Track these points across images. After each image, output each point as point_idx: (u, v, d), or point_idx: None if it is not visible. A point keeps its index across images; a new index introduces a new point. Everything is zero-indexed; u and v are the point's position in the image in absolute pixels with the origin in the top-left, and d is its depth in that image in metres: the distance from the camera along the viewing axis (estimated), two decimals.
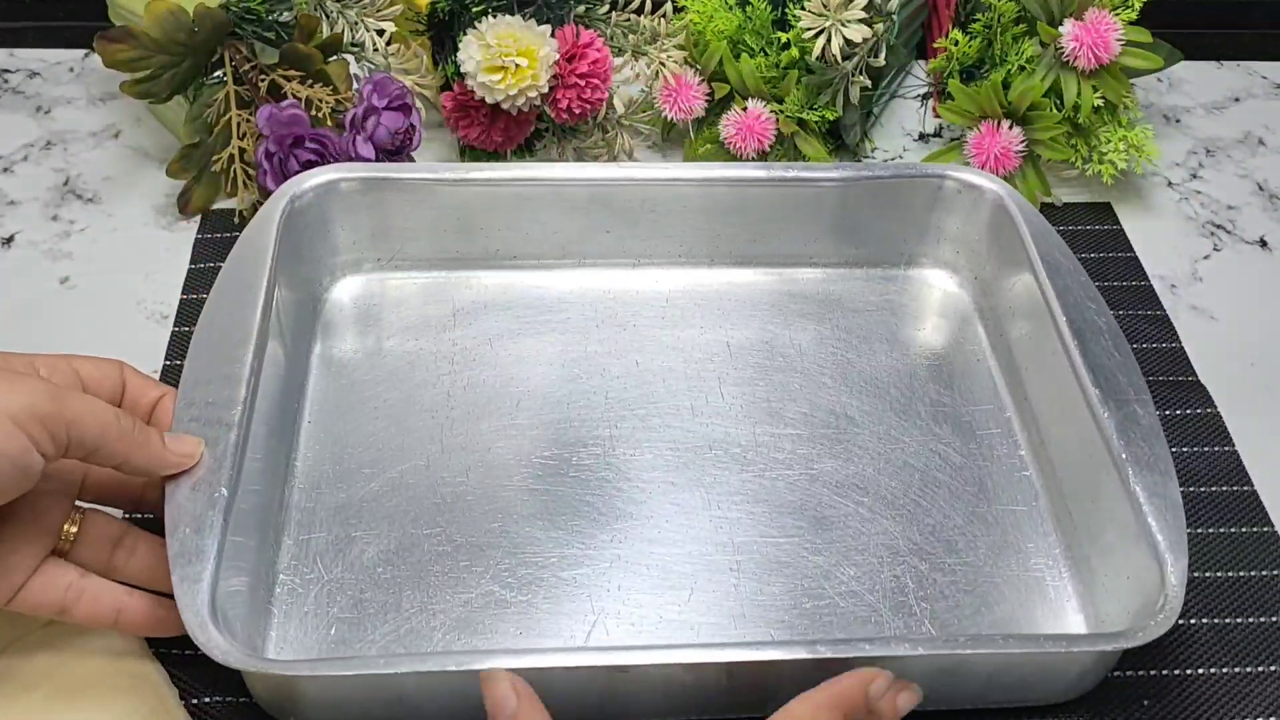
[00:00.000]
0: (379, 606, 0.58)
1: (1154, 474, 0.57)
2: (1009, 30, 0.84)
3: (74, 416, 0.47)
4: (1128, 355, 0.63)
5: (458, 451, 0.65)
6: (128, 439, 0.50)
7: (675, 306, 0.74)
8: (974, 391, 0.70)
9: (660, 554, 0.61)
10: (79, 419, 0.47)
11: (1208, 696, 0.57)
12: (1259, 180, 0.88)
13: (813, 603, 0.60)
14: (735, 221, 0.74)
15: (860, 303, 0.75)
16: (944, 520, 0.63)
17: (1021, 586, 0.61)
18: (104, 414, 0.49)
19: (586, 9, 0.80)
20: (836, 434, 0.67)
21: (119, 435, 0.49)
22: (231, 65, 0.75)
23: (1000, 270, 0.73)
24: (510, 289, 0.74)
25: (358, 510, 0.62)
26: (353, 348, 0.71)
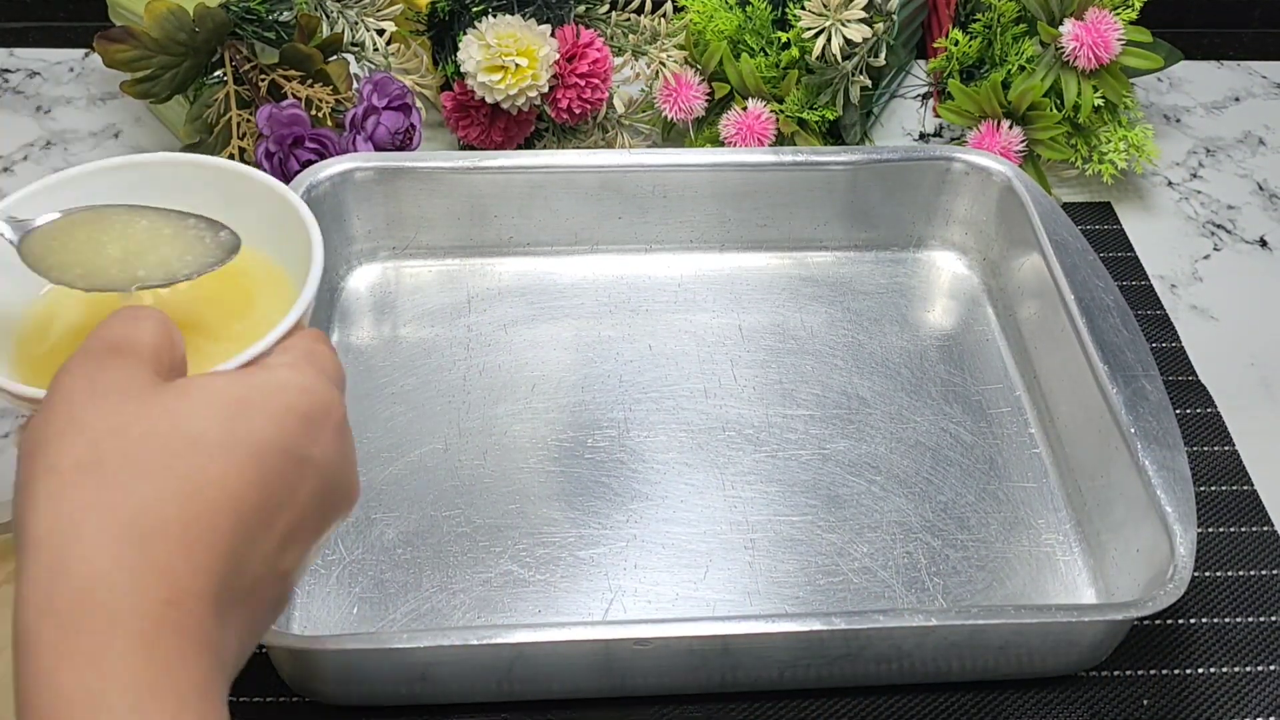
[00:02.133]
0: (400, 586, 0.59)
1: (1163, 448, 0.58)
2: (1009, 30, 0.84)
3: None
4: (1136, 332, 0.63)
5: (475, 435, 0.66)
6: None
7: (687, 291, 0.75)
8: (984, 371, 0.71)
9: (676, 533, 0.62)
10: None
11: (1208, 696, 0.58)
12: (1259, 180, 0.88)
13: (827, 579, 0.60)
14: (746, 206, 0.75)
15: (870, 285, 0.76)
16: (955, 497, 0.64)
17: (1032, 561, 0.62)
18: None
19: (586, 9, 0.80)
20: (848, 414, 0.68)
21: None
22: (231, 65, 0.76)
23: (1008, 251, 0.73)
24: (524, 275, 0.75)
25: (377, 493, 0.63)
26: (370, 335, 0.72)
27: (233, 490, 0.34)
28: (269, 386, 0.37)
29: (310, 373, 0.39)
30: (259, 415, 0.36)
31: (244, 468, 0.35)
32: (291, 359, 0.40)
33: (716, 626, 0.54)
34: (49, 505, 0.33)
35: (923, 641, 0.54)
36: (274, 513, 0.36)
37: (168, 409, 0.35)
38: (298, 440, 0.37)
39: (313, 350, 0.41)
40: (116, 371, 0.36)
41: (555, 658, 0.53)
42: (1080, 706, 0.57)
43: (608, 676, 0.55)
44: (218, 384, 0.37)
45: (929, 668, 0.56)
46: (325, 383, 0.39)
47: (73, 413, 0.35)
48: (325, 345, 0.42)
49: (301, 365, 0.39)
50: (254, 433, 0.36)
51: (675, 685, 0.56)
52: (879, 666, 0.55)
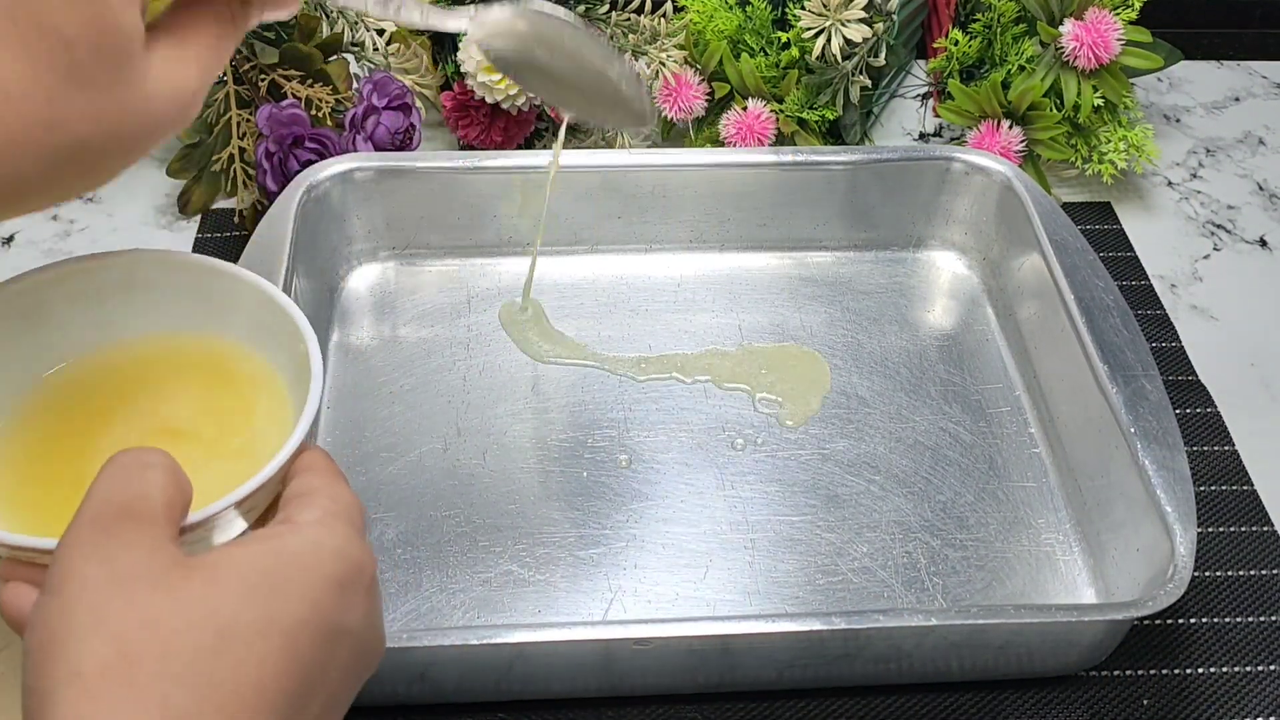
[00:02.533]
0: (400, 586, 0.59)
1: (1163, 447, 0.58)
2: (1009, 30, 0.84)
3: None
4: (1135, 332, 0.63)
5: (474, 435, 0.66)
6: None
7: (687, 291, 0.75)
8: (983, 371, 0.71)
9: (675, 533, 0.62)
10: None
11: (1208, 696, 0.58)
12: (1259, 180, 0.88)
13: (826, 579, 0.60)
14: (745, 206, 0.75)
15: (870, 285, 0.76)
16: (955, 497, 0.64)
17: (1032, 561, 0.62)
18: None
19: (586, 8, 0.80)
20: (848, 414, 0.68)
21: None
22: (231, 65, 0.76)
23: (1008, 251, 0.73)
24: (523, 275, 0.75)
25: (376, 493, 0.63)
26: (369, 335, 0.72)
27: (270, 684, 0.32)
28: (301, 555, 0.35)
29: (340, 531, 0.36)
30: (293, 592, 0.34)
31: (280, 655, 0.33)
32: (320, 514, 0.37)
33: (716, 626, 0.54)
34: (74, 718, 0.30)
35: (922, 641, 0.54)
36: (308, 695, 0.33)
37: (198, 597, 0.32)
38: (332, 613, 0.34)
39: (337, 498, 0.38)
40: (136, 549, 0.33)
41: (555, 657, 0.54)
42: (1080, 706, 0.57)
43: (607, 676, 0.55)
44: (248, 560, 0.34)
45: (929, 668, 0.56)
46: (357, 540, 0.37)
47: (94, 607, 0.32)
48: (342, 484, 0.39)
49: (332, 522, 0.36)
50: (289, 614, 0.33)
51: (675, 685, 0.56)
52: (878, 666, 0.55)
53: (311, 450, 0.41)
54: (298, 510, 0.37)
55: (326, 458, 0.40)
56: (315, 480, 0.39)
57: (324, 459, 0.40)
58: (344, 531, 0.36)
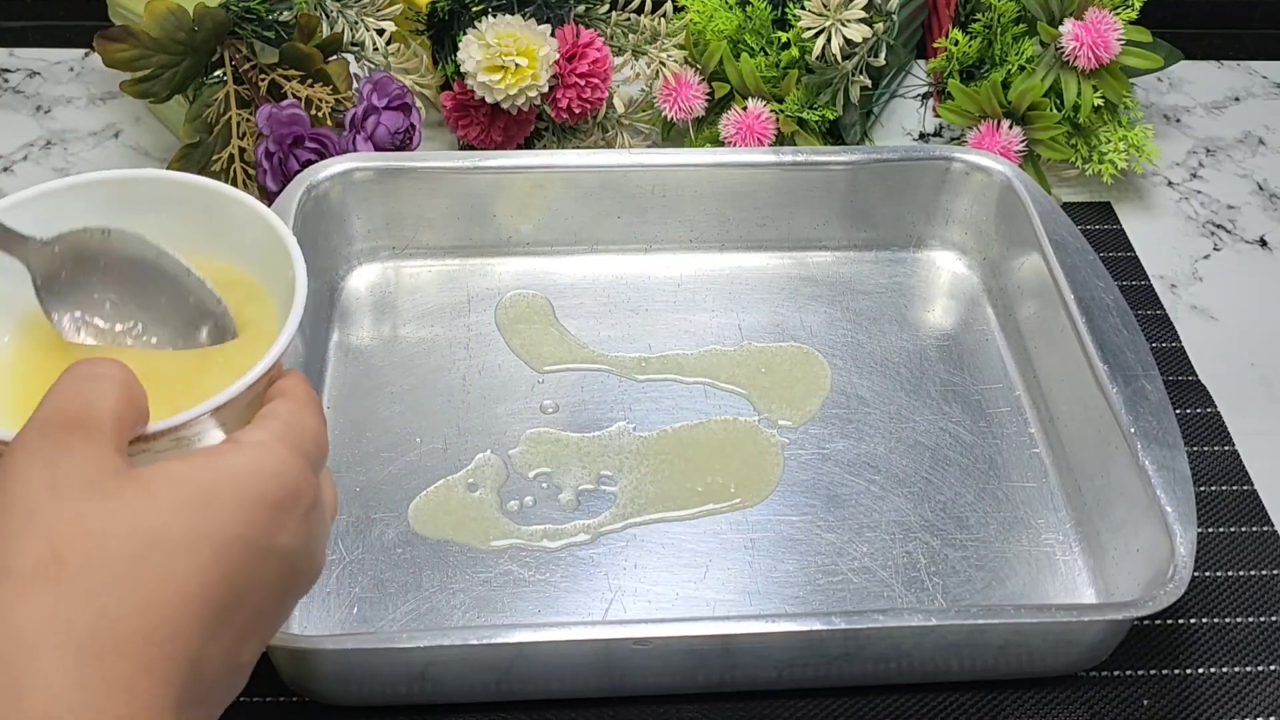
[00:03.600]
0: (400, 586, 0.59)
1: (1163, 447, 0.58)
2: (1009, 30, 0.84)
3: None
4: (1135, 332, 0.63)
5: (474, 435, 0.66)
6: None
7: (687, 290, 0.75)
8: (983, 370, 0.71)
9: (676, 533, 0.62)
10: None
11: (1208, 696, 0.58)
12: (1259, 180, 0.88)
13: (826, 579, 0.60)
14: (745, 206, 0.75)
15: (870, 285, 0.76)
16: (955, 497, 0.64)
17: (1032, 561, 0.62)
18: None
19: (586, 8, 0.80)
20: (848, 414, 0.68)
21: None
22: (231, 65, 0.75)
23: (1008, 250, 0.73)
24: (524, 275, 0.75)
25: (376, 493, 0.63)
26: (369, 335, 0.72)
27: (195, 592, 0.33)
28: (238, 473, 0.36)
29: (283, 453, 0.37)
30: (225, 507, 0.35)
31: (207, 566, 0.34)
32: (266, 435, 0.37)
33: (716, 626, 0.54)
34: (7, 614, 0.31)
35: (922, 641, 0.54)
36: (234, 608, 0.34)
37: (131, 506, 0.33)
38: (264, 531, 0.35)
39: (293, 423, 0.38)
40: (78, 456, 0.34)
41: (555, 657, 0.54)
42: (1080, 706, 0.57)
43: (607, 676, 0.55)
44: (184, 474, 0.35)
45: (928, 667, 0.56)
46: (299, 464, 0.37)
47: (31, 508, 0.33)
48: (309, 411, 0.40)
49: (275, 445, 0.37)
50: (220, 527, 0.34)
51: (675, 685, 0.56)
52: (878, 666, 0.55)
53: (292, 375, 0.42)
54: (248, 431, 0.38)
55: (304, 384, 0.41)
56: (282, 406, 0.39)
57: (300, 384, 0.41)
58: (285, 455, 0.37)
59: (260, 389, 0.40)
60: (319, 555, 0.39)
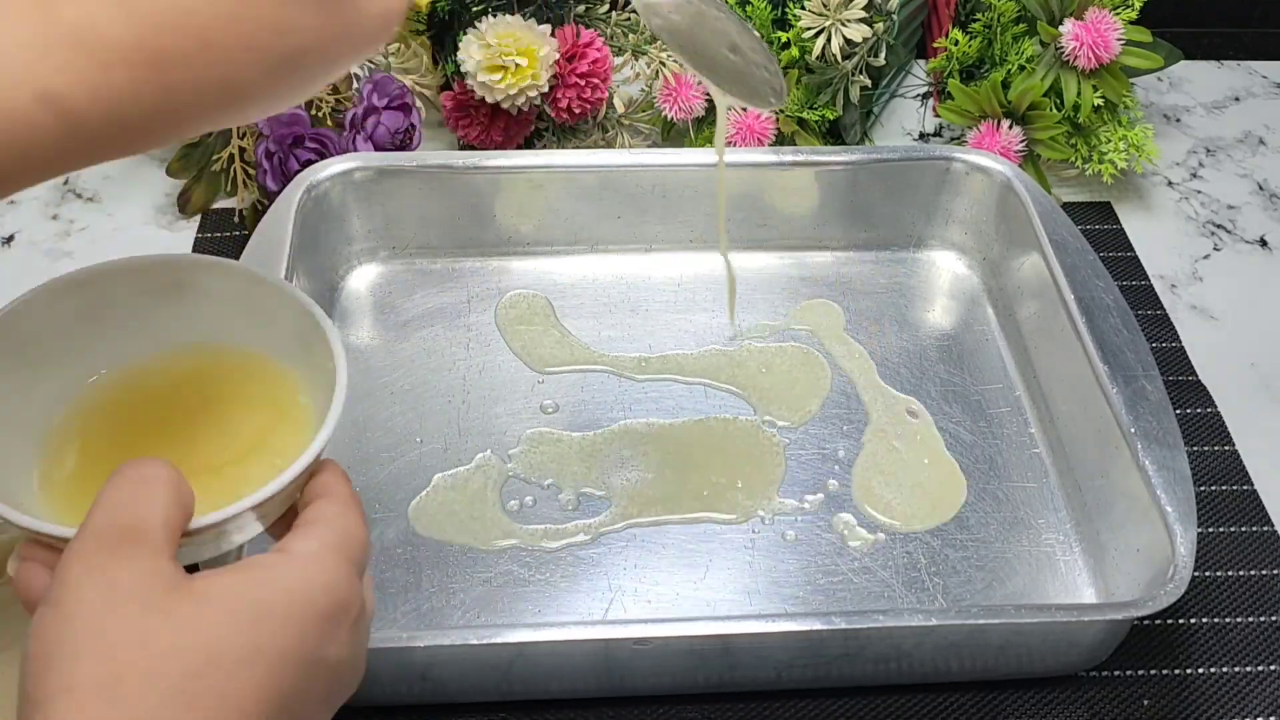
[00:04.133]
0: (400, 586, 0.59)
1: (1163, 447, 0.58)
2: (1009, 30, 0.84)
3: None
4: (1136, 332, 0.63)
5: (474, 435, 0.66)
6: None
7: (687, 290, 0.75)
8: (983, 371, 0.71)
9: (675, 532, 0.62)
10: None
11: (1208, 696, 0.58)
12: (1259, 180, 0.88)
13: (826, 579, 0.60)
14: (746, 206, 0.75)
15: (870, 285, 0.76)
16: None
17: (1032, 561, 0.62)
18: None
19: (586, 8, 0.80)
20: (848, 414, 0.68)
21: None
22: None
23: (1008, 251, 0.73)
24: (524, 275, 0.75)
25: (377, 493, 0.63)
26: (369, 335, 0.72)
27: (250, 709, 0.34)
28: (291, 588, 0.36)
29: (333, 564, 0.37)
30: (279, 622, 0.35)
31: (262, 682, 0.34)
32: (317, 545, 0.38)
33: (716, 626, 0.54)
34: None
35: (922, 641, 0.54)
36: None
37: (188, 623, 0.34)
38: (315, 644, 0.36)
39: (340, 530, 0.39)
40: (134, 569, 0.34)
41: (555, 657, 0.54)
42: (1080, 706, 0.57)
43: (607, 676, 0.55)
44: (239, 590, 0.35)
45: (929, 667, 0.56)
46: (349, 574, 0.38)
47: (90, 624, 0.33)
48: (352, 514, 0.40)
49: (325, 556, 0.37)
50: (274, 642, 0.35)
51: (675, 685, 0.56)
52: (878, 666, 0.55)
53: (332, 472, 0.41)
54: (297, 539, 0.38)
55: (345, 483, 0.41)
56: (327, 508, 0.40)
57: (342, 484, 0.41)
58: (337, 566, 0.38)
59: (300, 483, 0.40)
60: (362, 663, 0.39)
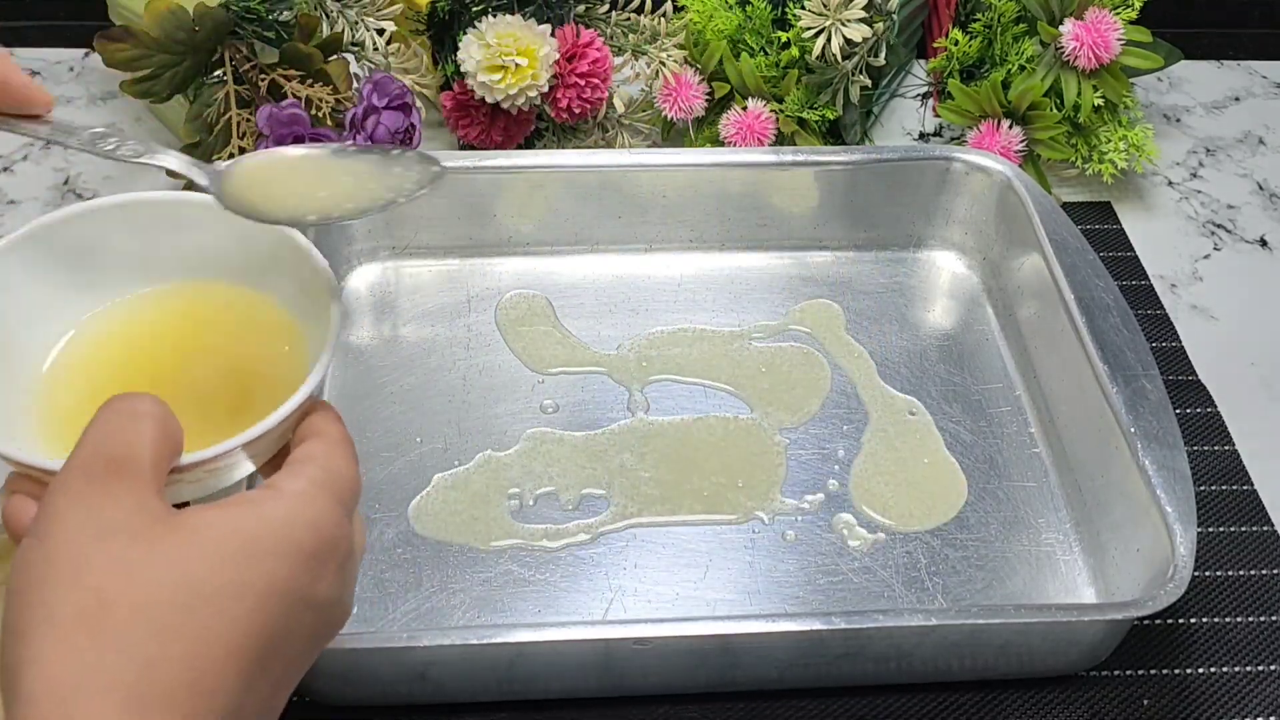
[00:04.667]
0: (400, 586, 0.59)
1: (1163, 447, 0.58)
2: (1009, 30, 0.84)
3: None
4: (1136, 331, 0.63)
5: (474, 435, 0.66)
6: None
7: (687, 290, 0.75)
8: (983, 371, 0.71)
9: (676, 533, 0.62)
10: None
11: (1208, 696, 0.58)
12: (1259, 180, 0.88)
13: (826, 579, 0.60)
14: (746, 206, 0.75)
15: (870, 285, 0.76)
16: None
17: (1033, 561, 0.62)
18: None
19: (586, 8, 0.80)
20: (848, 414, 0.68)
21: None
22: (231, 65, 0.75)
23: (1008, 250, 0.73)
24: (524, 275, 0.75)
25: (377, 492, 0.63)
26: (370, 335, 0.72)
27: (238, 643, 0.33)
28: (278, 524, 0.36)
29: (322, 503, 0.37)
30: (267, 558, 0.35)
31: (250, 617, 0.34)
32: (305, 483, 0.38)
33: (716, 626, 0.54)
34: (48, 663, 0.31)
35: (923, 641, 0.54)
36: (271, 658, 0.35)
37: (176, 555, 0.33)
38: (302, 581, 0.36)
39: (330, 469, 0.39)
40: (120, 502, 0.34)
41: (555, 657, 0.54)
42: (1080, 706, 0.57)
43: (608, 676, 0.55)
44: (227, 523, 0.35)
45: (929, 667, 0.56)
46: (337, 513, 0.38)
47: (75, 556, 0.33)
48: (343, 454, 0.40)
49: (314, 493, 0.37)
50: (262, 578, 0.34)
51: (675, 685, 0.56)
52: (879, 666, 0.55)
53: (325, 412, 0.42)
54: (286, 477, 0.38)
55: (337, 423, 0.41)
56: (316, 447, 0.40)
57: (334, 425, 0.41)
58: (324, 504, 0.37)
59: (292, 423, 0.41)
60: (349, 602, 0.39)
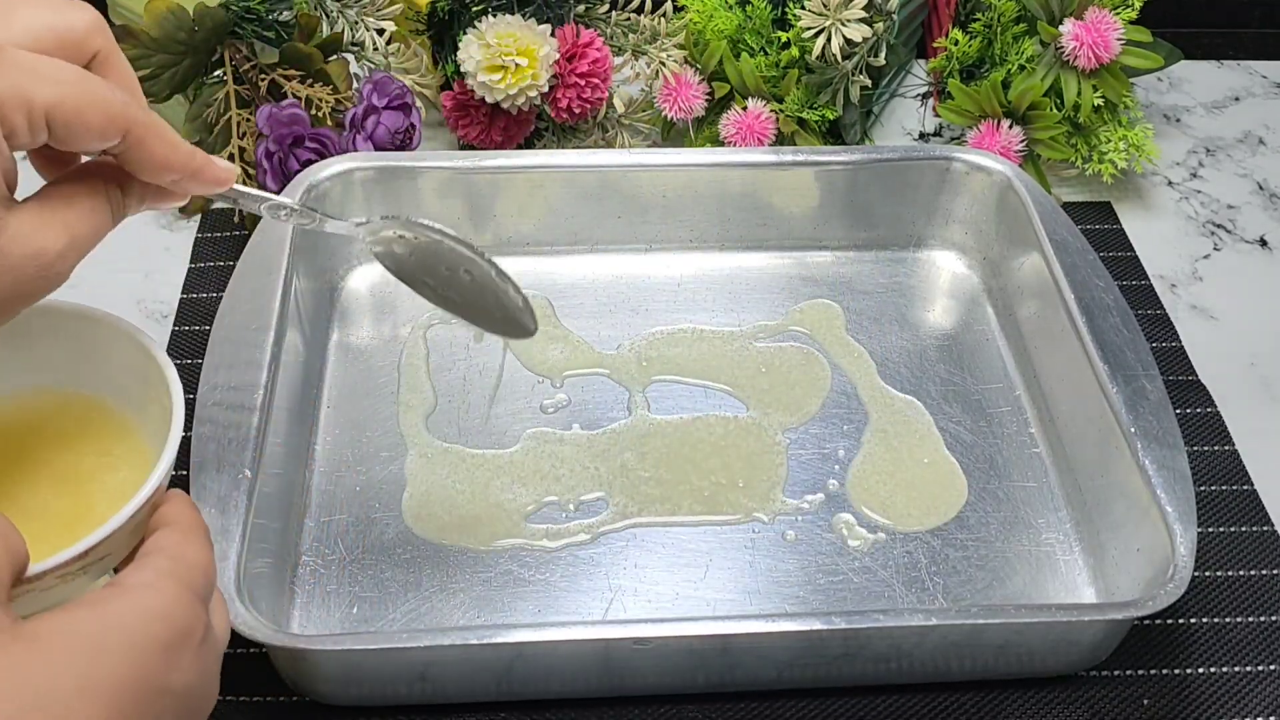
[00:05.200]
0: (400, 586, 0.59)
1: (1163, 447, 0.58)
2: (1009, 30, 0.84)
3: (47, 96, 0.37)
4: (1136, 331, 0.63)
5: (474, 435, 0.66)
6: (131, 118, 0.39)
7: (687, 290, 0.75)
8: (983, 370, 0.71)
9: (675, 532, 0.62)
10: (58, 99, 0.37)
11: (1207, 696, 0.58)
12: (1259, 180, 0.88)
13: (826, 579, 0.60)
14: (746, 206, 0.75)
15: (870, 285, 0.76)
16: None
17: (1033, 561, 0.62)
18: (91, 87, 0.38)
19: (586, 8, 0.80)
20: (848, 414, 0.68)
21: (117, 112, 0.38)
22: (231, 64, 0.76)
23: (1008, 250, 0.73)
24: (524, 275, 0.73)
25: (377, 492, 0.63)
26: (370, 335, 0.72)
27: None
28: (125, 619, 0.35)
29: (171, 592, 0.37)
30: (114, 654, 0.34)
31: (100, 715, 0.33)
32: (152, 574, 0.37)
33: (716, 626, 0.54)
34: None
35: (922, 641, 0.54)
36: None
37: (18, 663, 0.33)
38: (155, 672, 0.35)
39: (178, 558, 0.38)
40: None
41: (555, 657, 0.54)
42: (1080, 706, 0.57)
43: (607, 676, 0.55)
44: (70, 625, 0.34)
45: (929, 667, 0.56)
46: (186, 600, 0.37)
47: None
48: (193, 541, 0.40)
49: (161, 584, 0.37)
50: (110, 676, 0.34)
51: (675, 685, 0.56)
52: (879, 666, 0.55)
53: (176, 502, 0.41)
54: (131, 572, 0.38)
55: (189, 511, 0.41)
56: (165, 538, 0.39)
57: (186, 512, 0.41)
58: (173, 593, 0.37)
59: (142, 517, 0.40)
60: (213, 685, 0.39)
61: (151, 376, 0.44)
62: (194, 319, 0.73)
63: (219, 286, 0.67)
